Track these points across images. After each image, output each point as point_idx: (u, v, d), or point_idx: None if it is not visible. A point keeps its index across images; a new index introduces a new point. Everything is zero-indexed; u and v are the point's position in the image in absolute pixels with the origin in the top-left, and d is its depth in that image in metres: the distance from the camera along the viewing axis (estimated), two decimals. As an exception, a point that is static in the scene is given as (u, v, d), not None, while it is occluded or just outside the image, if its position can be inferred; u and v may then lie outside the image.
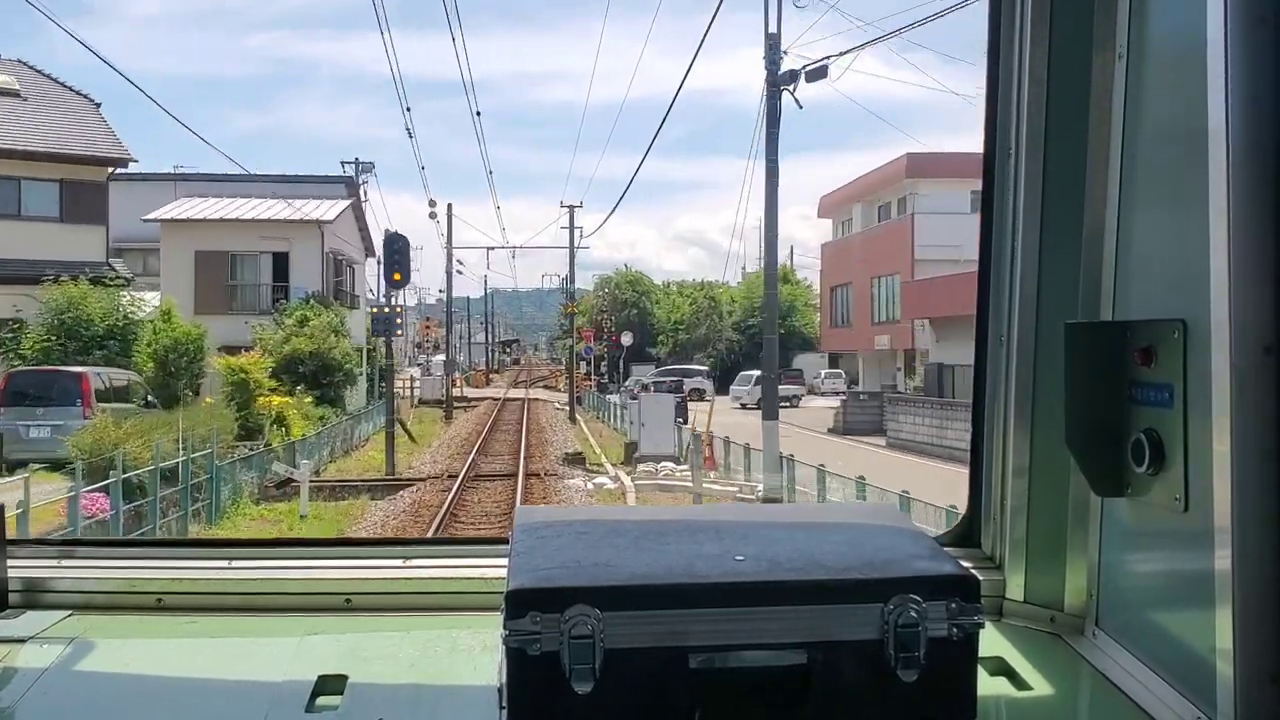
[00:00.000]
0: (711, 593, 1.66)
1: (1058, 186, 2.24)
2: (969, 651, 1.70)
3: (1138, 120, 2.05)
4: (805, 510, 2.74)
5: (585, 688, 1.61)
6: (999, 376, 2.38)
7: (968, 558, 2.37)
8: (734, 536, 1.85)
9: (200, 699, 2.10)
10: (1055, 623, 2.29)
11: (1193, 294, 1.74)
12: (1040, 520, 2.32)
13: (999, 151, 2.34)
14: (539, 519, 2.00)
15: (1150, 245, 2.03)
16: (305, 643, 2.26)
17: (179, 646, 2.33)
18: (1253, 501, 1.59)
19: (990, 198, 2.38)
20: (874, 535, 1.88)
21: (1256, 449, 1.58)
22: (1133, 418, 1.96)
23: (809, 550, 1.79)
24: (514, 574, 1.70)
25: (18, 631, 2.26)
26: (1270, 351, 1.57)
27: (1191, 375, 1.79)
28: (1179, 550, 1.91)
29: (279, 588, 2.48)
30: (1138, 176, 2.06)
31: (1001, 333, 2.36)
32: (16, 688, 2.08)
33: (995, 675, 2.07)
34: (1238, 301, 1.58)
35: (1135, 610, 2.10)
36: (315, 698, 2.00)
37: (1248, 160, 1.57)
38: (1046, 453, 2.27)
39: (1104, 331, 2.07)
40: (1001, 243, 2.35)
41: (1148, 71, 2.02)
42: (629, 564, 1.73)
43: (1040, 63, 2.22)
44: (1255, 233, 1.57)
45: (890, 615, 1.66)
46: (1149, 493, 1.93)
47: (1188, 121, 1.76)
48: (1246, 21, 1.58)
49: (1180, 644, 1.88)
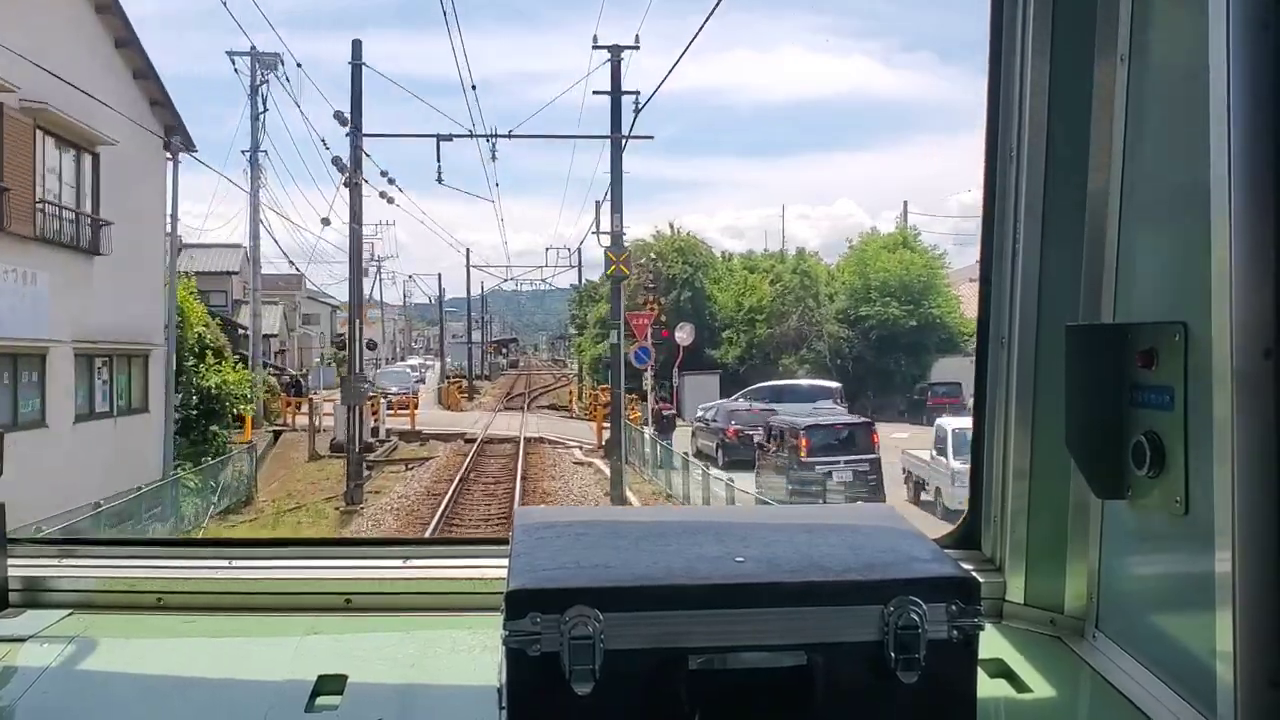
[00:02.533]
0: (711, 594, 1.66)
1: (1059, 189, 2.24)
2: (969, 653, 1.70)
3: (1139, 123, 2.05)
4: (805, 512, 2.74)
5: (585, 688, 1.61)
6: (1000, 378, 2.38)
7: (968, 560, 2.37)
8: (734, 538, 1.85)
9: (200, 698, 2.10)
10: (1055, 625, 2.29)
11: (1194, 297, 1.74)
12: (1041, 523, 2.32)
13: (1000, 153, 2.34)
14: (539, 520, 1.99)
15: (1151, 248, 2.03)
16: (305, 642, 2.26)
17: (179, 646, 2.33)
18: (1253, 504, 1.59)
19: (991, 199, 2.38)
20: (874, 537, 1.88)
21: (1257, 452, 1.58)
22: (1133, 420, 1.96)
23: (809, 552, 1.79)
24: (514, 574, 1.70)
25: (18, 630, 2.26)
26: (1271, 355, 1.57)
27: (1192, 378, 1.79)
28: (1179, 553, 1.91)
29: (279, 587, 2.48)
30: (1139, 179, 2.05)
31: (1002, 335, 2.36)
32: (16, 686, 2.08)
33: (995, 677, 2.07)
34: (1239, 305, 1.58)
35: (1135, 613, 2.10)
36: (315, 697, 2.00)
37: (1249, 164, 1.58)
38: (1047, 455, 2.27)
39: (1105, 334, 2.07)
40: (1003, 245, 2.35)
41: (1150, 75, 2.02)
42: (629, 565, 1.73)
43: (1042, 66, 2.22)
44: (1256, 237, 1.57)
45: (890, 617, 1.66)
46: (1149, 495, 1.93)
47: (1189, 125, 1.76)
48: (1248, 26, 1.58)
49: (1181, 647, 1.88)
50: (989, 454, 2.43)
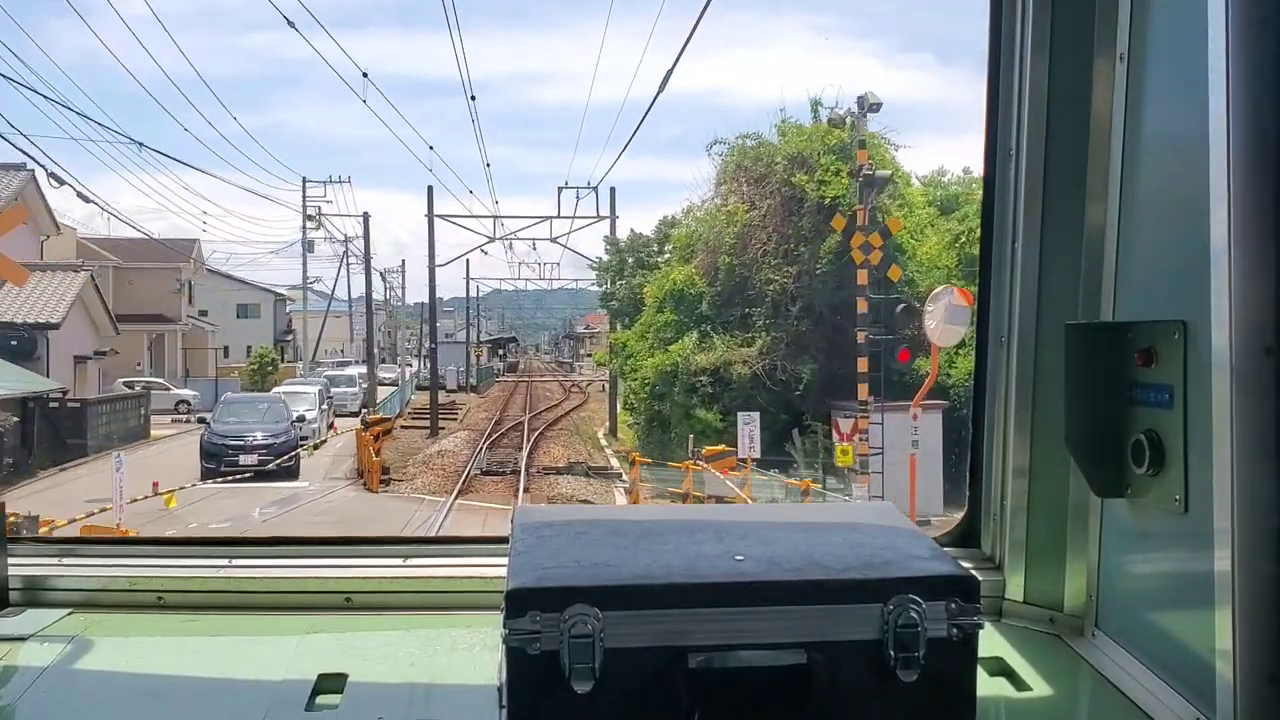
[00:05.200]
0: (711, 592, 1.66)
1: (1058, 187, 2.24)
2: (968, 652, 1.70)
3: (1138, 122, 2.05)
4: (805, 510, 2.75)
5: (585, 687, 1.61)
6: (999, 377, 2.38)
7: (968, 558, 2.38)
8: (734, 536, 1.85)
9: (200, 697, 2.10)
10: (1055, 623, 2.29)
11: (1193, 295, 1.74)
12: (1040, 521, 2.32)
13: (999, 152, 2.34)
14: (539, 518, 1.99)
15: (1150, 247, 2.03)
16: (305, 641, 2.26)
17: (179, 645, 2.33)
18: (1253, 503, 1.59)
19: (991, 198, 2.38)
20: (874, 535, 1.88)
21: (1257, 450, 1.58)
22: (1133, 419, 1.97)
23: (809, 550, 1.79)
24: (514, 573, 1.70)
25: (18, 629, 2.26)
26: (1270, 353, 1.57)
27: (1192, 376, 1.79)
28: (1179, 551, 1.91)
29: (279, 586, 2.48)
30: (1138, 178, 2.06)
31: (1002, 333, 2.36)
32: (17, 686, 2.08)
33: (995, 676, 2.08)
34: (1238, 303, 1.59)
35: (1135, 611, 2.10)
36: (315, 696, 2.00)
37: (1248, 162, 1.58)
38: (1046, 453, 2.27)
39: (1104, 332, 2.07)
40: (1002, 243, 2.35)
41: (1149, 74, 2.02)
42: (629, 564, 1.73)
43: (1041, 65, 2.22)
44: (1255, 235, 1.57)
45: (890, 615, 1.66)
46: (1149, 494, 1.93)
47: (1188, 123, 1.77)
48: (1247, 24, 1.58)
49: (1180, 645, 1.88)
50: (989, 452, 2.43)
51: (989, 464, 2.43)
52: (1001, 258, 2.36)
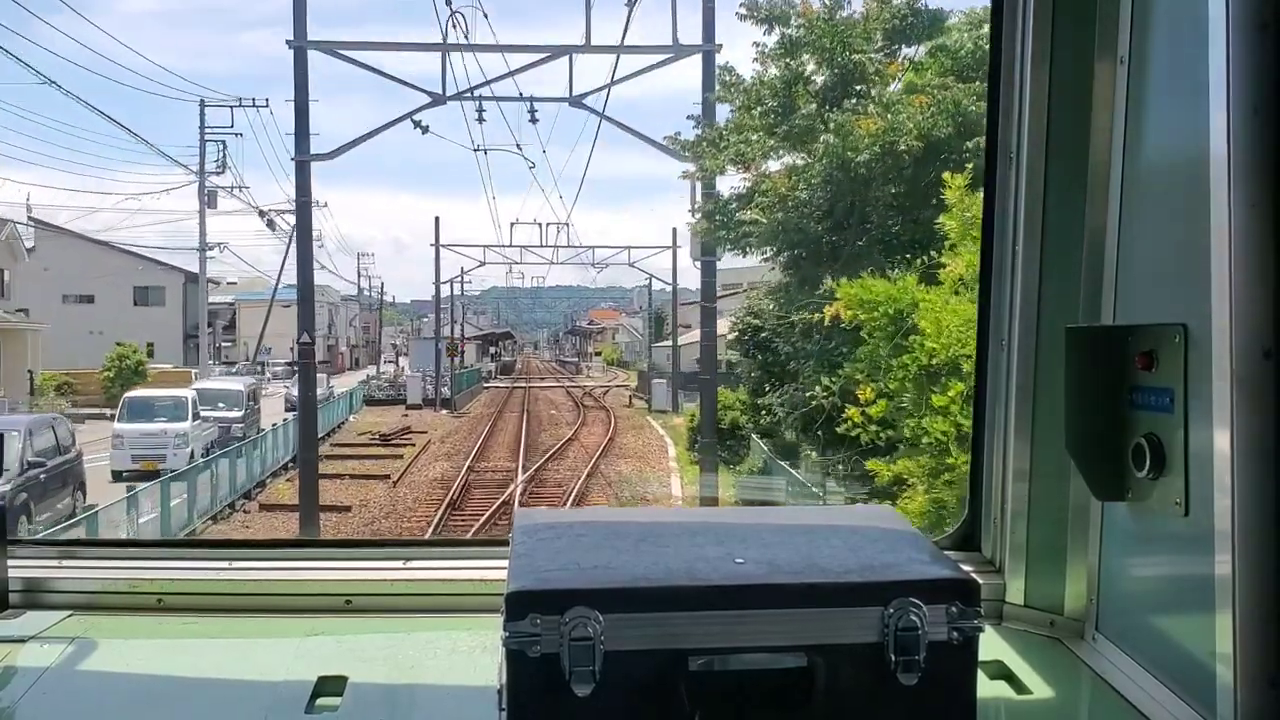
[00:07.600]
0: (711, 595, 1.66)
1: (1059, 190, 2.24)
2: (969, 655, 1.70)
3: (1139, 125, 2.05)
4: (805, 513, 2.74)
5: (585, 690, 1.61)
6: (999, 380, 2.38)
7: (968, 561, 2.37)
8: (734, 539, 1.85)
9: (200, 699, 2.10)
10: (1055, 627, 2.29)
11: (1193, 299, 1.74)
12: (1040, 524, 2.32)
13: (1000, 155, 2.34)
14: (539, 521, 1.99)
15: (1151, 250, 2.03)
16: (305, 643, 2.26)
17: (179, 647, 2.33)
18: (1253, 506, 1.59)
19: (991, 201, 2.38)
20: (874, 538, 1.88)
21: (1257, 453, 1.58)
22: (1133, 422, 1.96)
23: (809, 553, 1.79)
24: (514, 576, 1.70)
25: (18, 631, 2.26)
26: (1270, 356, 1.57)
27: (1192, 380, 1.79)
28: (1179, 555, 1.91)
29: (279, 589, 2.48)
30: (1139, 181, 2.06)
31: (1002, 336, 2.36)
32: (17, 687, 2.08)
33: (995, 679, 2.08)
34: (1239, 306, 1.59)
35: (1135, 615, 2.10)
36: (315, 698, 2.00)
37: (1248, 166, 1.58)
38: (1047, 457, 2.27)
39: (1105, 335, 2.07)
40: (1003, 246, 2.35)
41: (1149, 77, 2.02)
42: (629, 566, 1.73)
43: (1042, 68, 2.23)
44: (1256, 238, 1.57)
45: (890, 618, 1.66)
46: (1149, 497, 1.93)
47: (1189, 127, 1.77)
48: (1248, 28, 1.58)
49: (1180, 648, 1.88)
50: (989, 455, 2.43)
51: (989, 467, 2.43)
52: (1002, 261, 2.36)
